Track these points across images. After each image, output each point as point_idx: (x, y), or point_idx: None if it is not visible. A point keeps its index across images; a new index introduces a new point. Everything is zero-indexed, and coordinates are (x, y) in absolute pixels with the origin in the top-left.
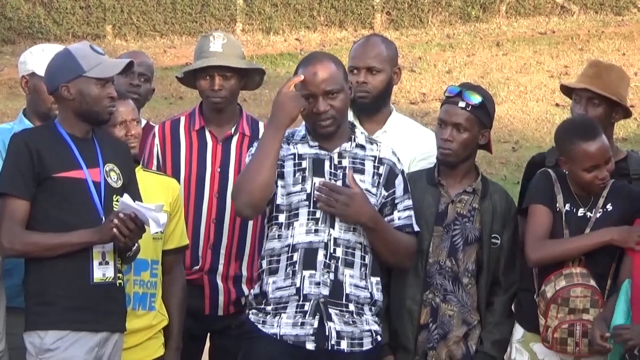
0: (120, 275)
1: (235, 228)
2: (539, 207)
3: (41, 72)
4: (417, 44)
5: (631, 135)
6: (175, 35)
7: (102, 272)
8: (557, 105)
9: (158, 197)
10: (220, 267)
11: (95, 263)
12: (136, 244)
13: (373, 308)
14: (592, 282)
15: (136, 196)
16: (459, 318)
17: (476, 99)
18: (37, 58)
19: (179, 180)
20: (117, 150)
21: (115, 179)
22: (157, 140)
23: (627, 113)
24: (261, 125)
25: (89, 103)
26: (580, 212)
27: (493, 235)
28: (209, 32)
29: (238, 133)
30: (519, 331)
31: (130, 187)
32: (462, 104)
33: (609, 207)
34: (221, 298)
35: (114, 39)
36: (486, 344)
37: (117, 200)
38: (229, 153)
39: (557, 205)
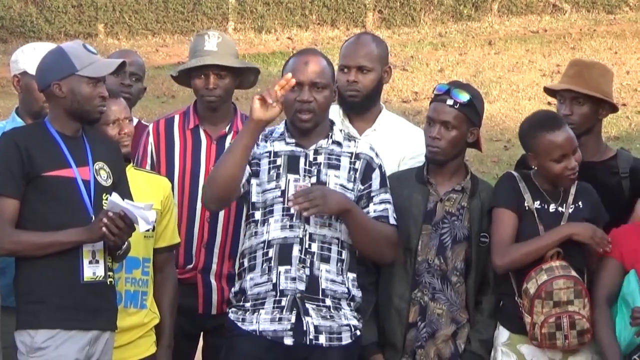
0: (110, 273)
1: (229, 227)
2: (502, 210)
3: (33, 71)
4: (409, 42)
5: (623, 133)
6: (168, 34)
7: (92, 270)
8: (548, 104)
9: (149, 195)
10: (214, 266)
11: (86, 262)
12: (126, 243)
13: (352, 303)
14: (573, 273)
15: (126, 195)
16: (447, 317)
17: (464, 96)
18: (29, 57)
19: (172, 179)
20: (107, 149)
21: (105, 177)
22: (151, 139)
23: (613, 108)
24: None
25: (80, 102)
26: (552, 207)
27: (482, 234)
28: (203, 30)
29: (232, 132)
30: (504, 334)
31: (121, 185)
32: (450, 102)
33: (580, 204)
34: (215, 297)
35: (106, 38)
36: (474, 343)
37: (107, 199)
38: (223, 152)
39: (526, 204)
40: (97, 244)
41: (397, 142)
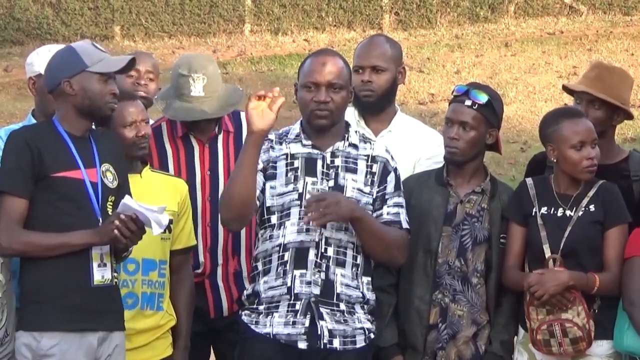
0: (115, 274)
1: None
2: (510, 224)
3: None
4: (425, 44)
5: None
6: (184, 36)
7: (101, 274)
8: (565, 105)
9: (166, 197)
10: (219, 268)
11: (95, 265)
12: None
13: (366, 307)
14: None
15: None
16: (468, 318)
17: (483, 97)
18: (44, 59)
19: None
20: (113, 150)
21: (111, 179)
22: None
23: (628, 116)
24: (242, 115)
25: (91, 98)
26: (560, 211)
27: (502, 236)
28: (184, 65)
29: (222, 131)
30: (520, 332)
31: (125, 188)
32: (468, 103)
33: (592, 207)
34: (224, 299)
35: (122, 40)
36: (495, 344)
37: (111, 201)
38: (216, 154)
39: (534, 209)
40: (104, 247)
41: (412, 144)
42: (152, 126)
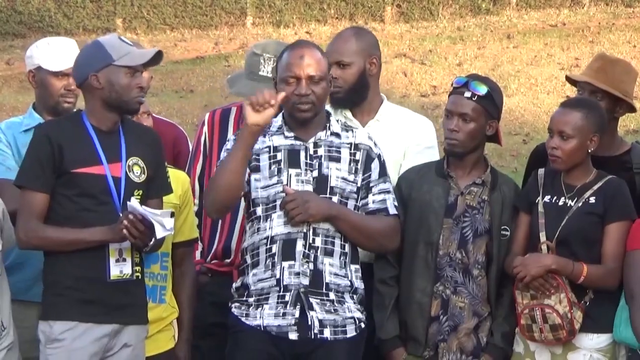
0: (138, 268)
1: None
2: (520, 213)
3: (47, 65)
4: (427, 36)
5: None
6: (186, 28)
7: (119, 269)
8: (567, 97)
9: None
10: None
11: (112, 260)
12: (153, 239)
13: (355, 296)
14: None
15: (163, 187)
16: (469, 310)
17: (482, 89)
18: (43, 52)
19: None
20: (145, 142)
21: (138, 173)
22: (205, 129)
23: (631, 108)
24: None
25: (118, 92)
26: (562, 201)
27: (502, 227)
28: (260, 47)
29: None
30: None
31: (158, 179)
32: (468, 94)
33: (593, 199)
34: None
35: (125, 33)
36: (496, 336)
37: (138, 195)
38: None
39: (537, 198)
40: (124, 242)
41: (401, 131)
42: (222, 107)
